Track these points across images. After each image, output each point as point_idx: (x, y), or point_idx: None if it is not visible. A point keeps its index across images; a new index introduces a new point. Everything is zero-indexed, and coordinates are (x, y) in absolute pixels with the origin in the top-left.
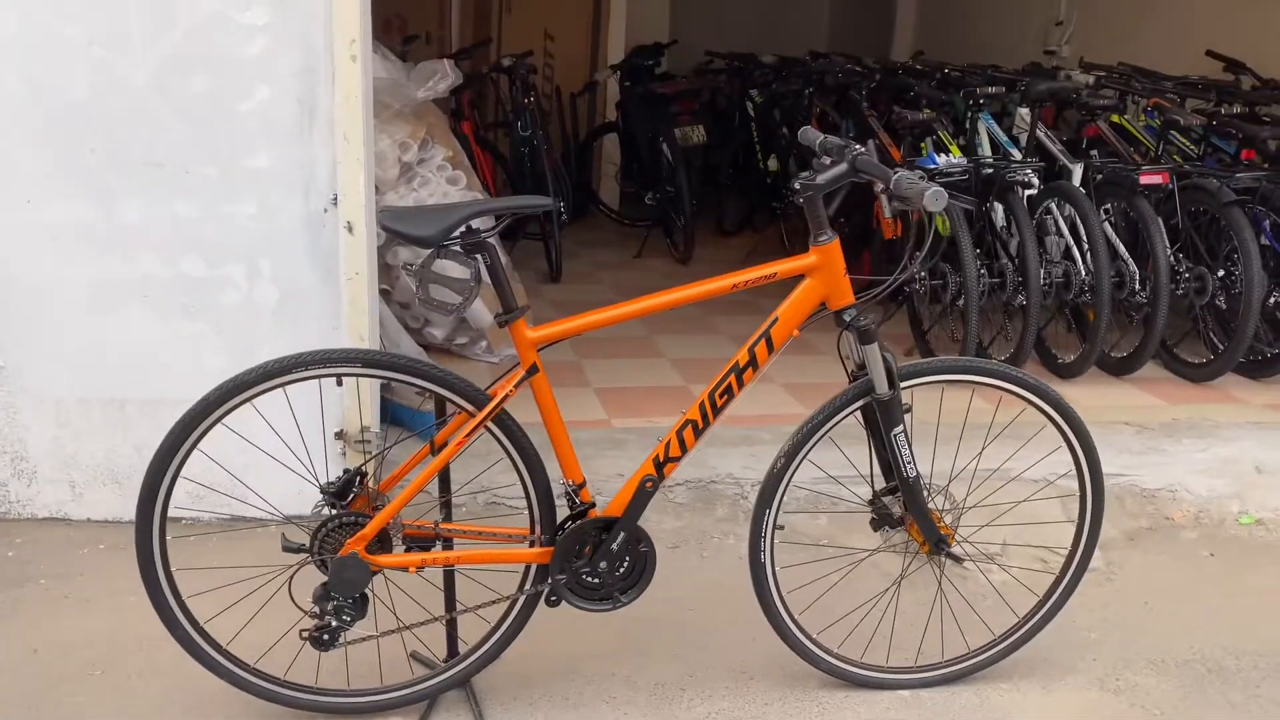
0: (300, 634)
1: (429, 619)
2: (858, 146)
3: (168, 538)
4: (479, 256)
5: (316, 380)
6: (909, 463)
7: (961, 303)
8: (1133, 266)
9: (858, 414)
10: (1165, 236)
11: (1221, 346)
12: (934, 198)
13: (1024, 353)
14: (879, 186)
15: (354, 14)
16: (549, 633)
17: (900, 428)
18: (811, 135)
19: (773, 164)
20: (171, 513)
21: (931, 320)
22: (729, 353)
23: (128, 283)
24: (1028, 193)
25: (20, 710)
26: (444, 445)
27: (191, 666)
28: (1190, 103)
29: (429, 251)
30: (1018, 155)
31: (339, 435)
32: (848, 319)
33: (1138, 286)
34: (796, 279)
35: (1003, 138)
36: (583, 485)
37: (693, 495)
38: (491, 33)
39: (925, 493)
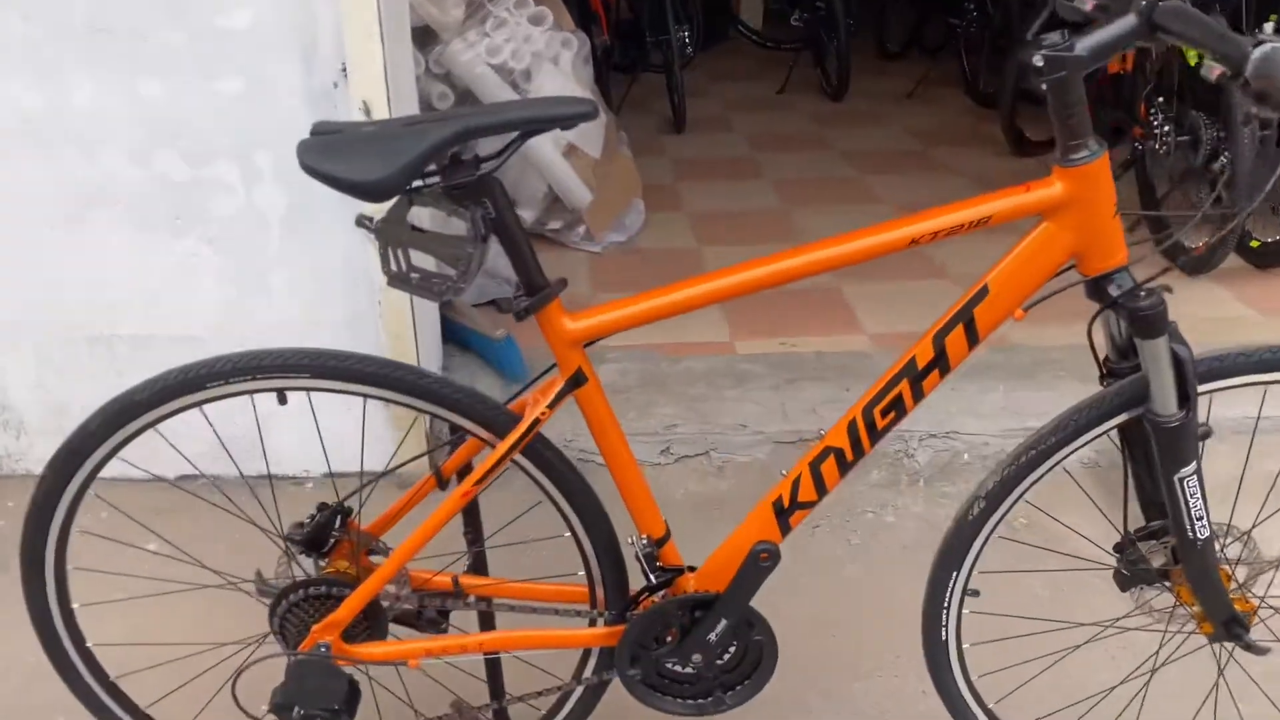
0: None
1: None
2: None
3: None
4: (478, 206)
5: (246, 396)
6: (1199, 519)
7: (1219, 165)
8: None
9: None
10: None
11: None
12: None
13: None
14: (1216, 70)
15: None
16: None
17: (1191, 467)
18: None
19: None
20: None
21: (1170, 184)
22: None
23: (92, 188)
24: None
25: None
26: (465, 473)
27: None
28: None
29: (393, 202)
30: None
31: None
32: (1116, 292)
33: None
34: (1025, 222)
35: None
36: (665, 540)
37: None
38: None
39: (1218, 550)
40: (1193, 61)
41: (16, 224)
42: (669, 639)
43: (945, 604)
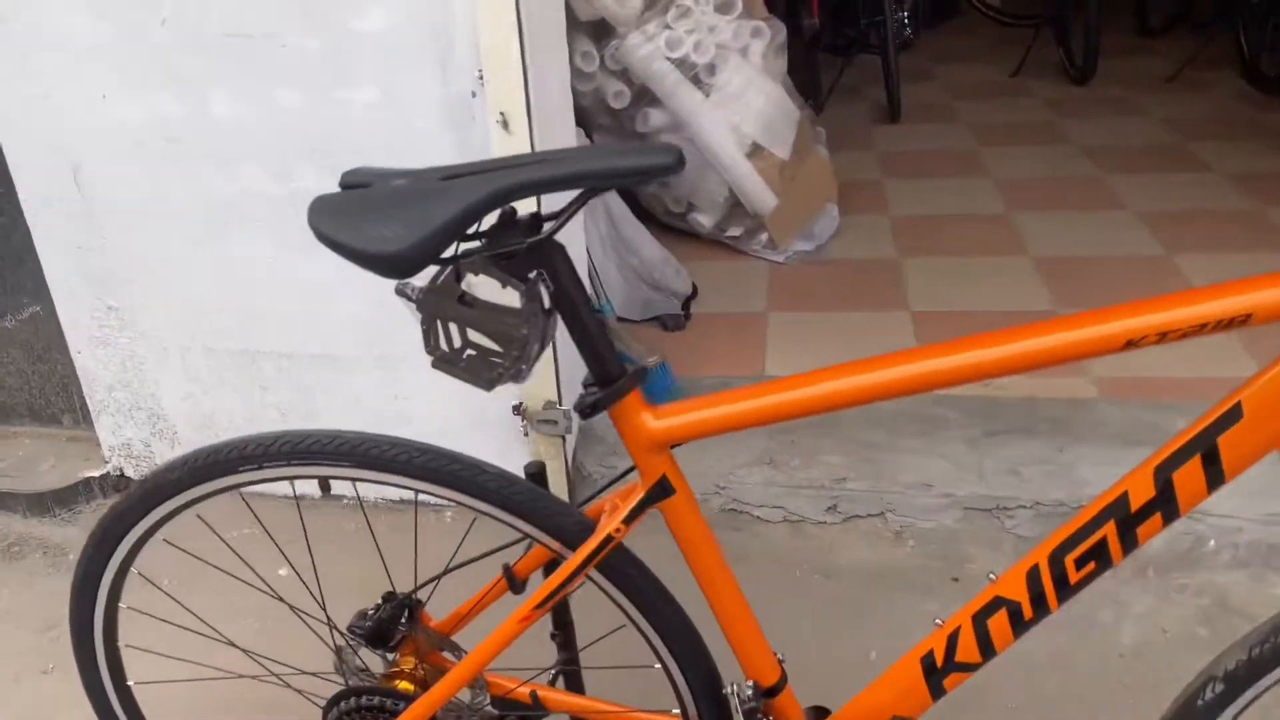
0: None
1: None
2: None
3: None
4: (534, 277)
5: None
6: None
7: None
8: None
9: None
10: None
11: None
12: None
13: None
14: None
15: None
16: None
17: None
18: None
19: None
20: None
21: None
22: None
23: (230, 202)
24: None
25: None
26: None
27: None
28: None
29: (435, 272)
30: None
31: (517, 410)
32: None
33: None
34: None
35: None
36: (778, 689)
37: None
38: None
39: None
40: None
41: (162, 238)
42: None
43: None
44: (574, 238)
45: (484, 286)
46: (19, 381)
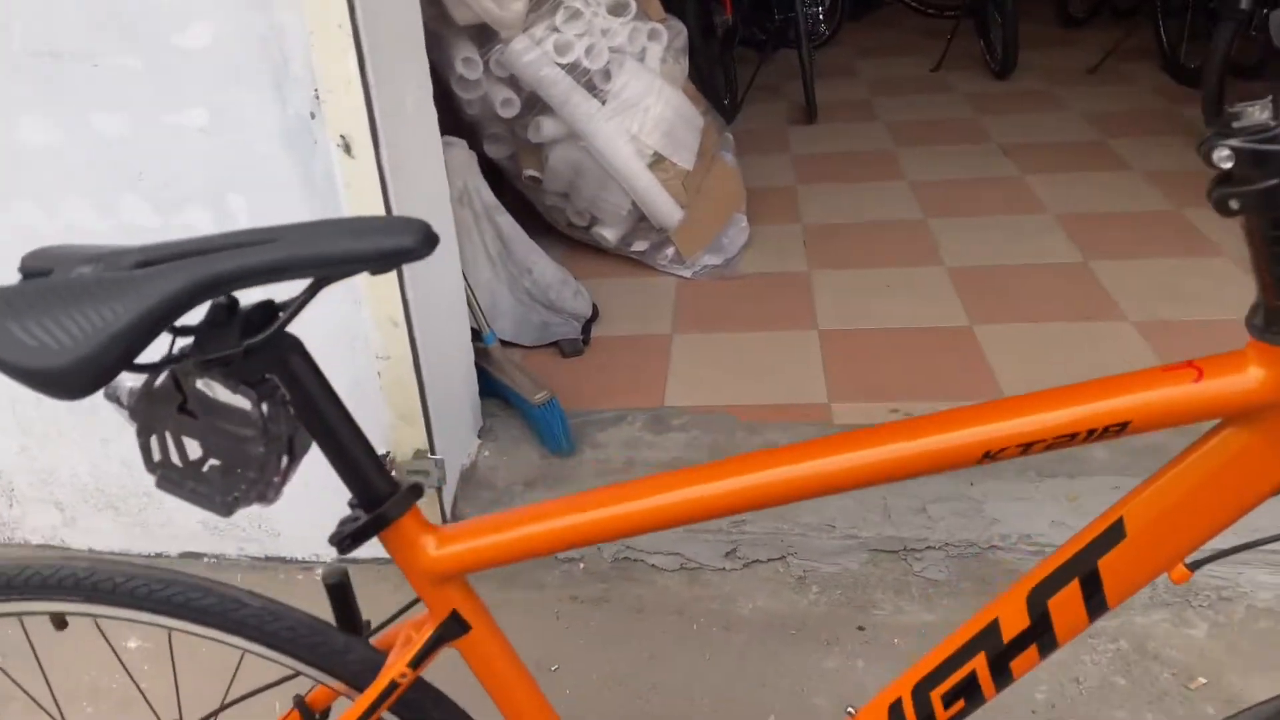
0: None
1: None
2: None
3: None
4: (263, 385)
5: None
6: None
7: None
8: None
9: None
10: None
11: None
12: None
13: None
14: None
15: None
16: None
17: None
18: None
19: None
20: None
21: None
22: None
23: (52, 238)
24: None
25: None
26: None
27: None
28: None
29: (140, 379)
30: None
31: (385, 457)
32: None
33: None
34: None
35: None
36: None
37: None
38: None
39: None
40: None
41: None
42: None
43: None
44: (325, 316)
45: (213, 388)
46: None
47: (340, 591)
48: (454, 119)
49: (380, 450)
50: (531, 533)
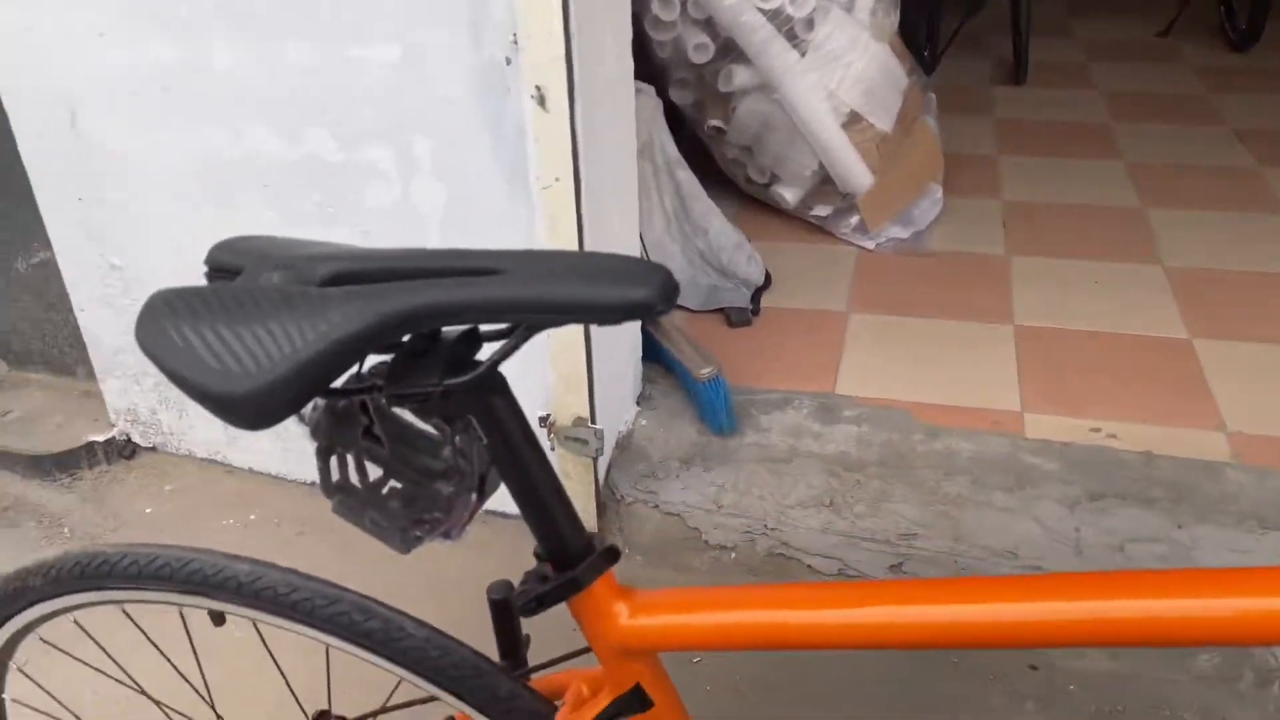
0: None
1: None
2: None
3: None
4: (458, 424)
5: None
6: None
7: None
8: None
9: None
10: None
11: None
12: None
13: None
14: None
15: None
16: None
17: None
18: None
19: None
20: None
21: None
22: None
23: (237, 163)
24: None
25: None
26: None
27: None
28: None
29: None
30: None
31: (544, 421)
32: None
33: None
34: None
35: None
36: None
37: None
38: None
39: None
40: None
41: (167, 197)
42: None
43: None
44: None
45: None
46: (32, 328)
47: (503, 611)
48: (640, 61)
49: (540, 412)
50: (733, 622)
